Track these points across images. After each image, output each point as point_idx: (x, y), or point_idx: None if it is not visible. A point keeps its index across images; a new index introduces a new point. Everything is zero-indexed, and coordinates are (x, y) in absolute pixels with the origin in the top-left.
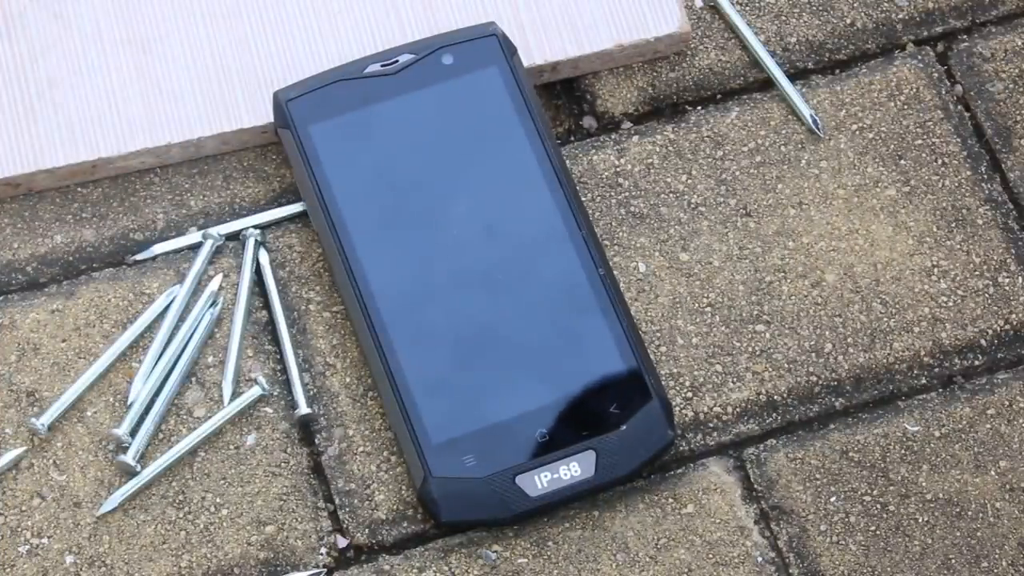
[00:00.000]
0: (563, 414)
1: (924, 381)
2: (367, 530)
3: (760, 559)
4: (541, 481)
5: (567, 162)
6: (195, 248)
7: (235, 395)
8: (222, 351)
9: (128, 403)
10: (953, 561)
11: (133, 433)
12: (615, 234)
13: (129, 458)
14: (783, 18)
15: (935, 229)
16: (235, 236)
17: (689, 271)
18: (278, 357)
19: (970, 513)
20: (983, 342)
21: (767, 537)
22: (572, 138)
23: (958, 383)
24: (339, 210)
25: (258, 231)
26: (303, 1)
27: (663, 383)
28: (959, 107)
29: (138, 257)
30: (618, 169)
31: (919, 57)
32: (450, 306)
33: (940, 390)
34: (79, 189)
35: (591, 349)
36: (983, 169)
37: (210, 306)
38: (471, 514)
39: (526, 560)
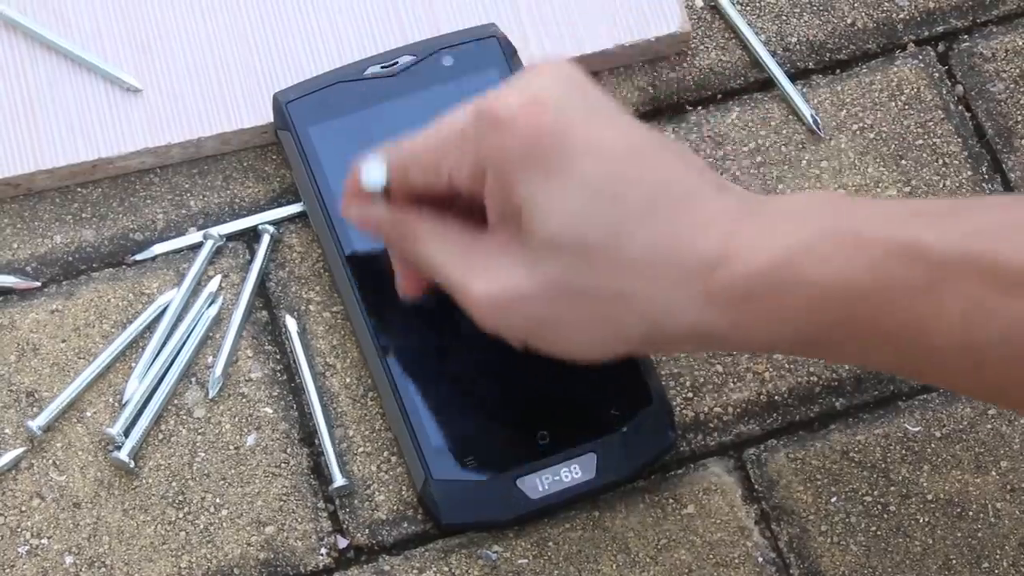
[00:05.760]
0: (564, 416)
1: None
2: (367, 530)
3: (761, 559)
4: (542, 483)
5: None
6: (195, 248)
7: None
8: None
9: (123, 402)
10: (954, 561)
11: (128, 432)
12: None
13: (124, 455)
14: (783, 18)
15: None
16: (235, 236)
17: None
18: (278, 357)
19: (971, 513)
20: None
21: (768, 537)
22: None
23: None
24: (339, 211)
25: (273, 227)
26: (303, 1)
27: (664, 383)
28: (960, 107)
29: (138, 257)
30: None
31: (920, 57)
32: (450, 306)
33: (941, 390)
34: (79, 189)
35: None
36: (984, 169)
37: (208, 305)
38: (472, 516)
39: (527, 560)
